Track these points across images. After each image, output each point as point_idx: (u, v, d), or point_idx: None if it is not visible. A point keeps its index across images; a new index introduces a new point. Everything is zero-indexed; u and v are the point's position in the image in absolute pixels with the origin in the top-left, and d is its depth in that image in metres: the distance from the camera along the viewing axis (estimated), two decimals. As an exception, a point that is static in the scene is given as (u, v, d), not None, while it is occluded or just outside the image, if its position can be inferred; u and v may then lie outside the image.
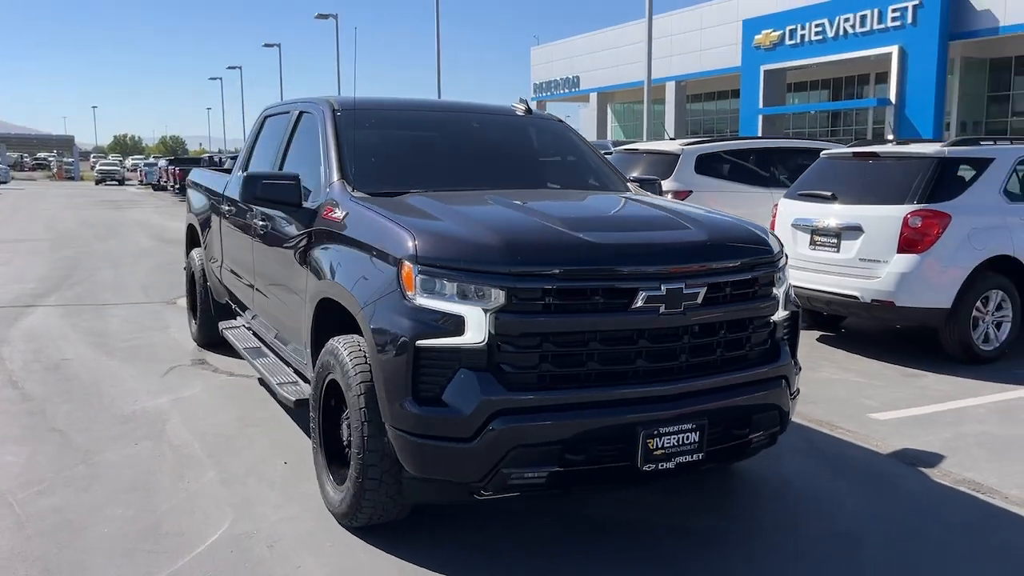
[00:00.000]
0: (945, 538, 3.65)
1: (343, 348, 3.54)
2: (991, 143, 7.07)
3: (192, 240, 7.21)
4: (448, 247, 3.23)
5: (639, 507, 3.89)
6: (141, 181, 49.20)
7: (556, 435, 3.13)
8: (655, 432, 3.22)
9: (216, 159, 38.60)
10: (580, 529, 3.67)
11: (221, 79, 70.60)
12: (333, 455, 3.84)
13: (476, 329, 3.08)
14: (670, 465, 3.30)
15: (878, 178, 6.83)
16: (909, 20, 32.26)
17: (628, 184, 4.90)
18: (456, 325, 3.10)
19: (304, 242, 4.16)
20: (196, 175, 7.20)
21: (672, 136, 27.21)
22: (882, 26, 33.23)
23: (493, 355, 3.11)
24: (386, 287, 3.30)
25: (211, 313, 6.68)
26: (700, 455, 3.36)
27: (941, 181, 6.48)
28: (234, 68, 60.32)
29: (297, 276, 4.24)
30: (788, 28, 36.98)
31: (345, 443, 3.70)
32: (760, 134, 37.79)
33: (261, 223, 4.87)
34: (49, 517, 3.71)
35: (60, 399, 5.49)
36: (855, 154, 7.18)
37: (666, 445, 3.26)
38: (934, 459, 4.52)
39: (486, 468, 3.12)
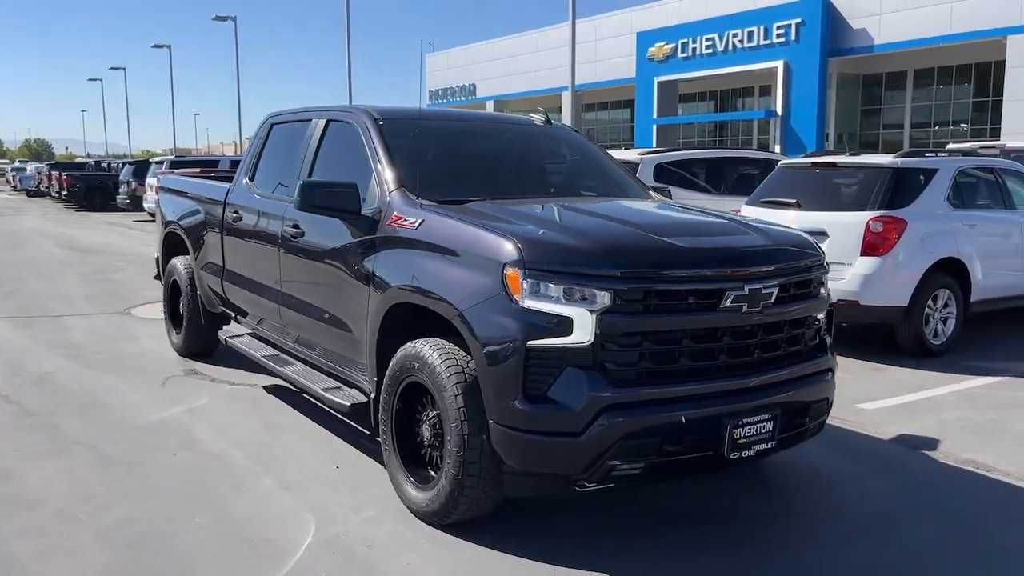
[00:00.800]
0: (972, 511, 4.07)
1: (431, 351, 3.66)
2: (933, 155, 7.74)
3: (171, 249, 7.06)
4: (554, 252, 3.41)
5: (692, 494, 4.15)
6: (15, 187, 46.44)
7: (656, 428, 3.36)
8: (739, 422, 3.50)
9: (103, 164, 36.97)
10: (656, 515, 3.90)
11: (102, 80, 67.49)
12: (407, 456, 3.94)
13: (583, 329, 3.27)
14: (751, 453, 3.59)
15: (839, 186, 7.39)
16: (793, 37, 34.11)
17: (650, 192, 5.18)
18: (564, 326, 3.28)
19: (365, 249, 4.23)
20: (176, 182, 7.06)
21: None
22: (768, 42, 35.00)
23: (597, 354, 3.31)
24: (488, 291, 3.44)
25: (201, 322, 6.57)
26: (773, 443, 3.66)
27: (897, 189, 7.08)
28: (117, 69, 57.77)
29: (352, 282, 4.29)
30: (680, 41, 38.45)
31: (427, 443, 3.82)
32: (655, 144, 39.14)
33: (293, 230, 4.88)
34: (126, 529, 3.66)
35: (65, 412, 5.32)
36: (814, 164, 7.72)
37: (747, 434, 3.54)
38: (931, 443, 4.98)
39: (592, 461, 3.32)
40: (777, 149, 34.57)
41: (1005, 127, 29.23)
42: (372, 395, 4.22)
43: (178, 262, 6.79)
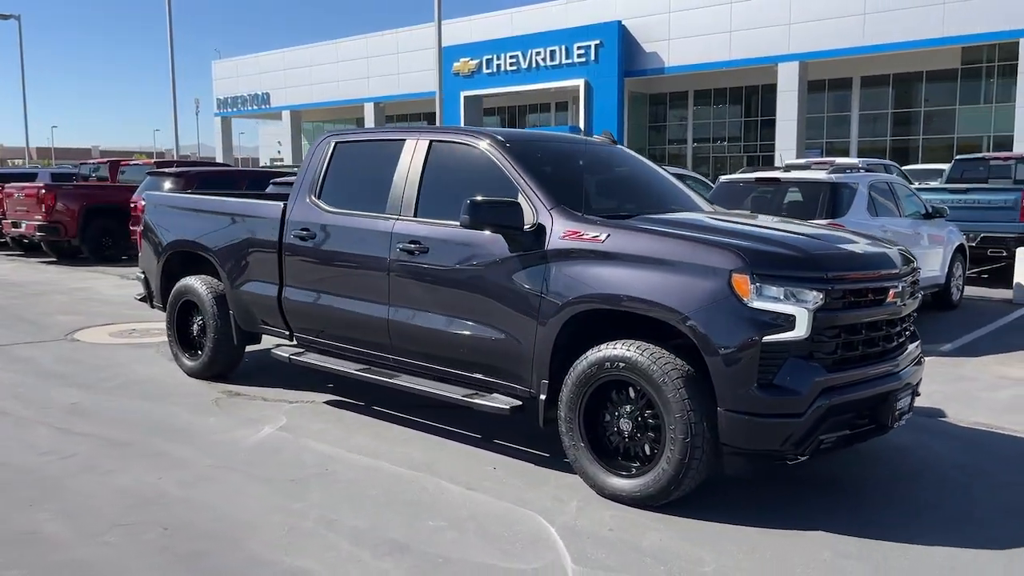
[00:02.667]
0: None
1: (638, 353, 4.11)
2: (852, 171, 9.08)
3: (174, 270, 6.85)
4: (774, 259, 4.01)
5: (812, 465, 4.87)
6: None
7: (852, 404, 4.06)
8: (898, 397, 4.27)
9: None
10: (806, 485, 4.58)
11: None
12: (596, 448, 4.36)
13: (802, 325, 3.89)
14: (901, 423, 4.37)
15: (782, 200, 8.49)
16: (592, 57, 36.46)
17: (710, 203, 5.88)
18: (788, 322, 3.89)
19: (530, 262, 4.57)
20: (185, 200, 6.86)
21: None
22: (569, 61, 37.15)
23: (811, 345, 3.94)
24: (715, 295, 3.96)
25: (233, 343, 6.45)
26: (910, 414, 4.47)
27: (834, 201, 8.28)
28: None
29: (513, 295, 4.61)
30: (485, 58, 39.83)
31: (627, 435, 4.25)
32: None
33: (410, 247, 5.06)
34: (415, 549, 3.81)
35: (160, 439, 5.13)
36: (758, 179, 8.79)
37: (901, 407, 4.33)
38: (938, 412, 6.04)
39: (807, 437, 3.94)
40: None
41: (778, 144, 33.05)
42: (543, 397, 4.57)
43: (195, 282, 6.59)
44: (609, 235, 4.39)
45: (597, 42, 36.16)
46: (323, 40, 48.58)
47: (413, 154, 5.37)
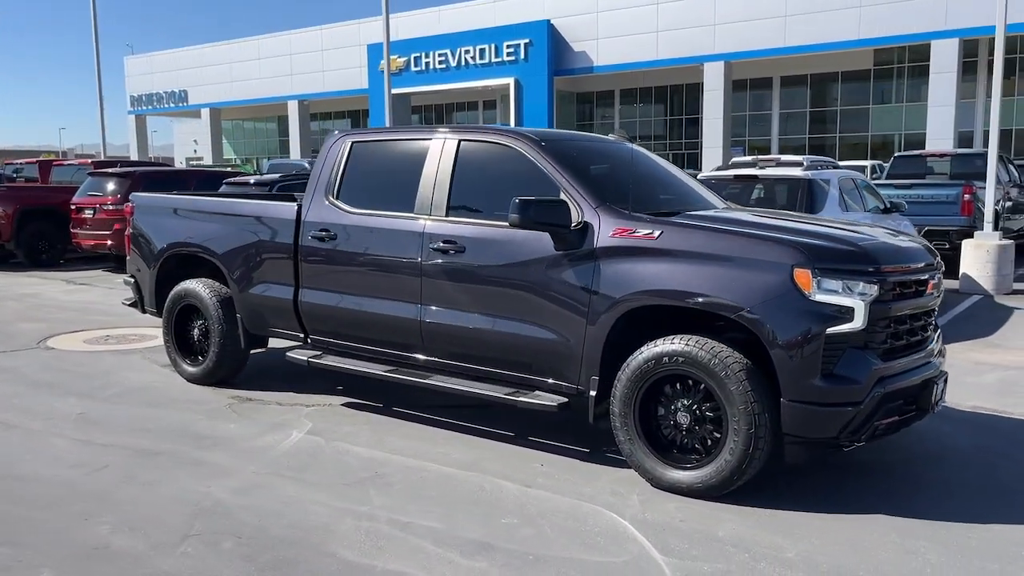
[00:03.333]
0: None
1: (702, 348, 4.22)
2: (822, 168, 9.42)
3: (171, 274, 6.66)
4: (833, 254, 4.17)
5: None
6: None
7: (903, 391, 4.26)
8: (937, 384, 4.50)
9: None
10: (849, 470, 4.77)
11: None
12: (650, 441, 4.45)
13: (860, 316, 4.07)
14: (938, 408, 4.60)
15: (765, 195, 8.75)
16: (522, 56, 36.66)
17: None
18: (847, 314, 4.05)
19: (577, 260, 4.63)
20: (189, 203, 6.67)
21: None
22: (499, 59, 37.26)
23: (866, 336, 4.12)
24: (777, 290, 4.10)
25: (240, 347, 6.32)
26: (944, 401, 4.70)
27: (811, 197, 8.58)
28: None
29: (560, 292, 4.65)
30: (413, 56, 39.56)
31: (685, 428, 4.36)
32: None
33: (444, 246, 5.06)
34: (513, 548, 3.82)
35: (189, 447, 4.99)
36: (736, 177, 9.03)
37: (939, 393, 4.55)
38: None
39: (865, 424, 4.12)
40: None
41: (705, 142, 33.86)
42: (592, 393, 4.63)
43: (197, 286, 6.42)
44: (662, 232, 4.48)
45: (527, 41, 36.37)
46: (243, 37, 47.40)
47: (441, 154, 5.36)
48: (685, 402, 4.37)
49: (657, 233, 4.49)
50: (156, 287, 6.78)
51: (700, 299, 4.28)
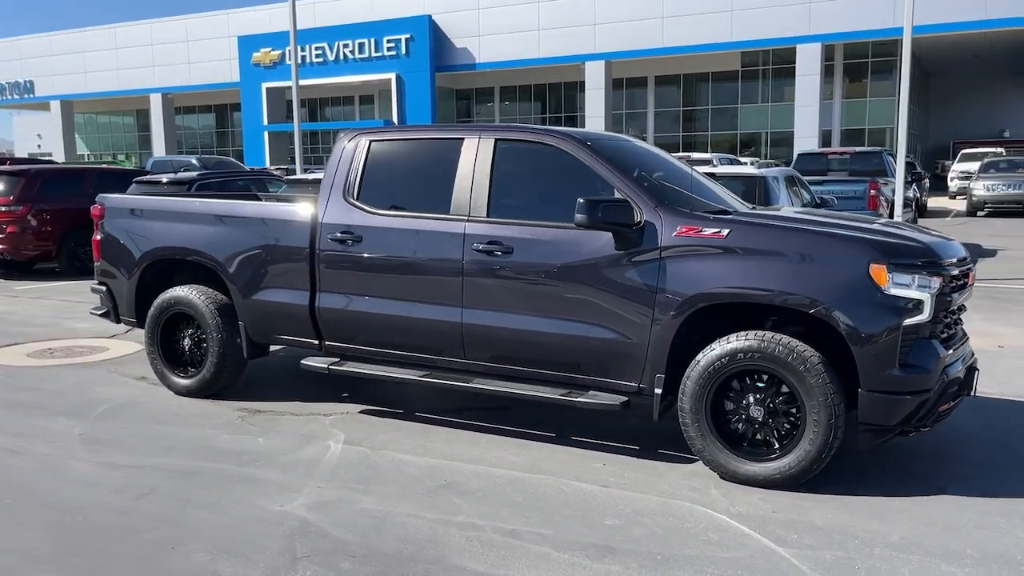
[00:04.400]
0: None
1: (778, 343, 4.35)
2: (746, 166, 9.85)
3: (154, 281, 6.24)
4: (904, 250, 4.38)
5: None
6: None
7: (957, 378, 4.54)
8: (976, 369, 4.81)
9: None
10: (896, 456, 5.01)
11: None
12: (724, 437, 4.55)
13: (928, 308, 4.31)
14: (976, 394, 4.91)
15: (722, 193, 9.04)
16: (403, 51, 36.34)
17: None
18: (918, 306, 4.28)
19: (641, 259, 4.66)
20: (179, 204, 6.24)
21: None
22: (379, 54, 36.81)
23: (931, 326, 4.37)
24: (855, 285, 4.27)
25: (243, 357, 5.98)
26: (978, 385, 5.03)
27: (766, 192, 8.96)
28: None
29: (623, 292, 4.67)
30: (288, 48, 38.30)
31: (758, 421, 4.48)
32: (268, 151, 38.64)
33: (490, 247, 4.98)
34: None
35: (225, 465, 4.70)
36: (695, 176, 9.28)
37: (975, 380, 4.86)
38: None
39: (932, 409, 4.37)
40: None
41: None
42: (658, 391, 4.68)
43: (189, 293, 6.03)
44: (730, 231, 4.58)
45: (407, 36, 36.06)
46: (98, 24, 44.60)
47: (477, 154, 5.25)
48: (757, 396, 4.49)
49: (725, 232, 4.58)
50: (137, 296, 6.32)
51: (778, 295, 4.40)
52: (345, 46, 37.10)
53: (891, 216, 12.64)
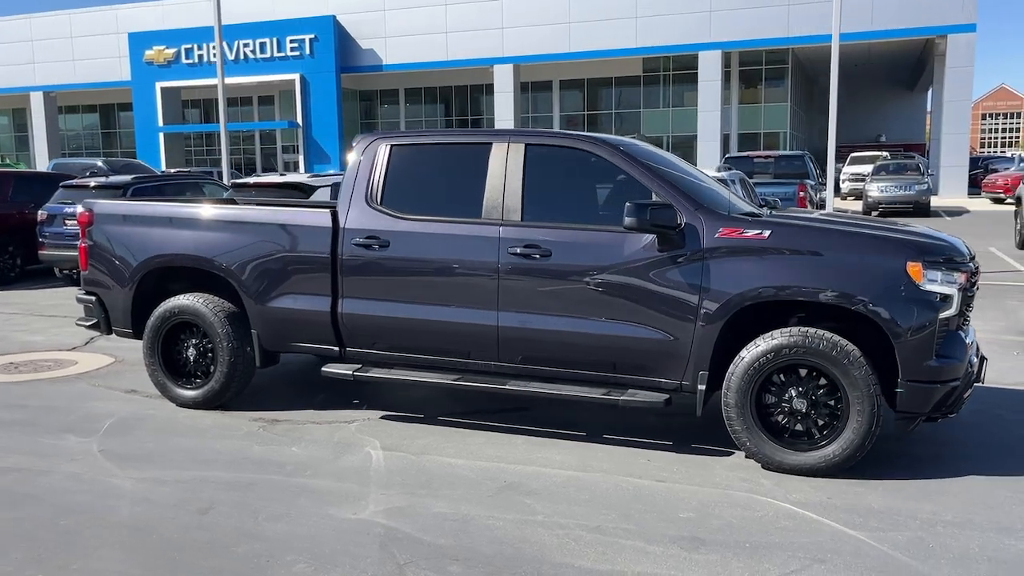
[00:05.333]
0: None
1: (820, 339, 4.59)
2: (728, 170, 10.23)
3: (152, 290, 6.02)
4: (935, 248, 4.69)
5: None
6: None
7: (975, 367, 4.89)
8: (985, 360, 5.19)
9: None
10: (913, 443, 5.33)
11: None
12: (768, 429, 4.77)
13: (955, 302, 4.65)
14: (983, 383, 5.29)
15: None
16: (308, 52, 35.68)
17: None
18: (948, 301, 4.61)
19: (684, 260, 4.82)
20: (180, 210, 6.00)
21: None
22: (282, 54, 36.02)
23: (957, 319, 4.71)
24: (895, 282, 4.56)
25: (256, 365, 5.83)
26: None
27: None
28: None
29: (666, 292, 4.83)
30: (183, 47, 37.15)
31: (802, 414, 4.71)
32: (163, 153, 37.23)
33: (526, 250, 5.05)
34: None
35: (274, 477, 4.60)
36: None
37: (983, 369, 5.24)
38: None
39: (959, 397, 4.70)
40: (301, 159, 35.84)
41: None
42: (702, 388, 4.85)
43: (194, 302, 5.83)
44: (772, 232, 4.79)
45: (312, 36, 35.41)
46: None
47: (507, 158, 5.30)
48: (799, 389, 4.71)
49: (767, 233, 4.79)
50: (134, 306, 6.06)
51: (821, 293, 4.64)
52: (246, 45, 36.09)
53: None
